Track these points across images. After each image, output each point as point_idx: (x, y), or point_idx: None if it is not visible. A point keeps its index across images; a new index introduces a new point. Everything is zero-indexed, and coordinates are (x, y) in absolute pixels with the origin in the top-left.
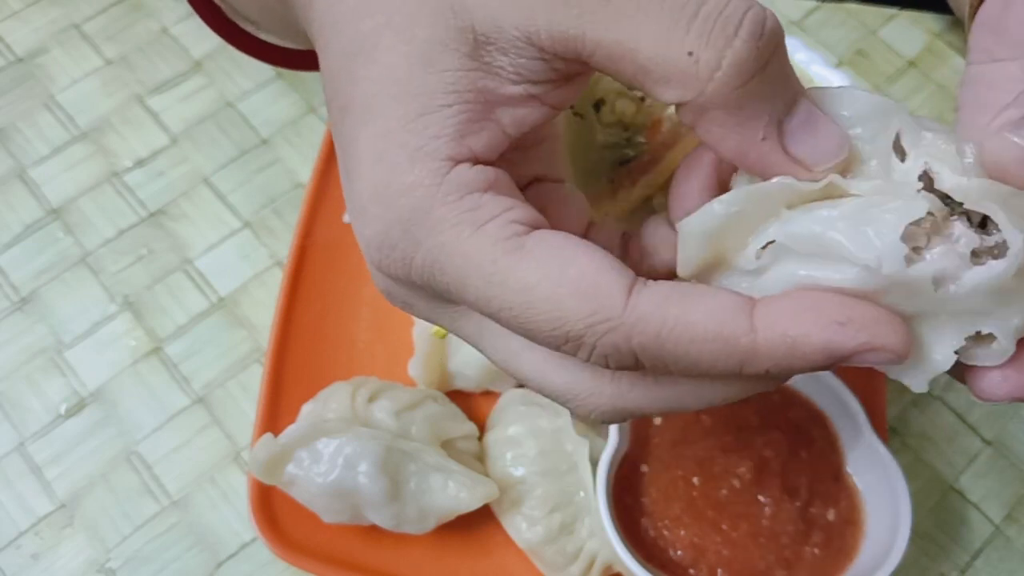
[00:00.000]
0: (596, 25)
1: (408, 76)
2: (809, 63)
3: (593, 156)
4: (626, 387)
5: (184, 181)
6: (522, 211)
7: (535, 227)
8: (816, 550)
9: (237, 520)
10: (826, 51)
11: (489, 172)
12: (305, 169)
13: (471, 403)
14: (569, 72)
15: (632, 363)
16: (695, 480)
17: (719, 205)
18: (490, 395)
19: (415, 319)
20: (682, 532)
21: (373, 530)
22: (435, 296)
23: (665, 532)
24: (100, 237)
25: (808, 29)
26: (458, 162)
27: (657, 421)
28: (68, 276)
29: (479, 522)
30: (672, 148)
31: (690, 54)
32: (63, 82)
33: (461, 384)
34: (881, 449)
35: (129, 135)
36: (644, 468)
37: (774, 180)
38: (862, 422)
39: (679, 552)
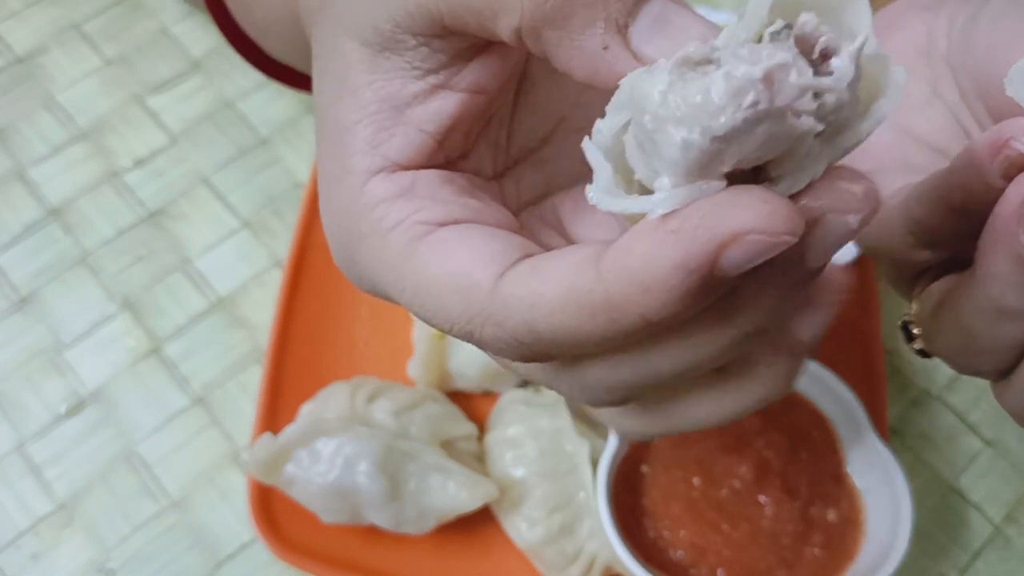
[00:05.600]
0: None
1: (329, 104)
2: None
3: None
4: (552, 375)
5: (184, 181)
6: (432, 210)
7: (445, 223)
8: (816, 550)
9: (236, 520)
10: None
11: (404, 177)
12: (305, 169)
13: (471, 403)
14: (455, 49)
15: (526, 352)
16: (695, 481)
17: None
18: (490, 395)
19: (415, 320)
20: (683, 533)
21: (372, 530)
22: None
23: (665, 533)
24: (99, 237)
25: None
26: (374, 173)
27: None
28: (68, 276)
29: (479, 522)
30: None
31: None
32: (63, 82)
33: (461, 384)
34: (882, 449)
35: (129, 135)
36: (644, 469)
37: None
38: (862, 422)
39: (680, 553)
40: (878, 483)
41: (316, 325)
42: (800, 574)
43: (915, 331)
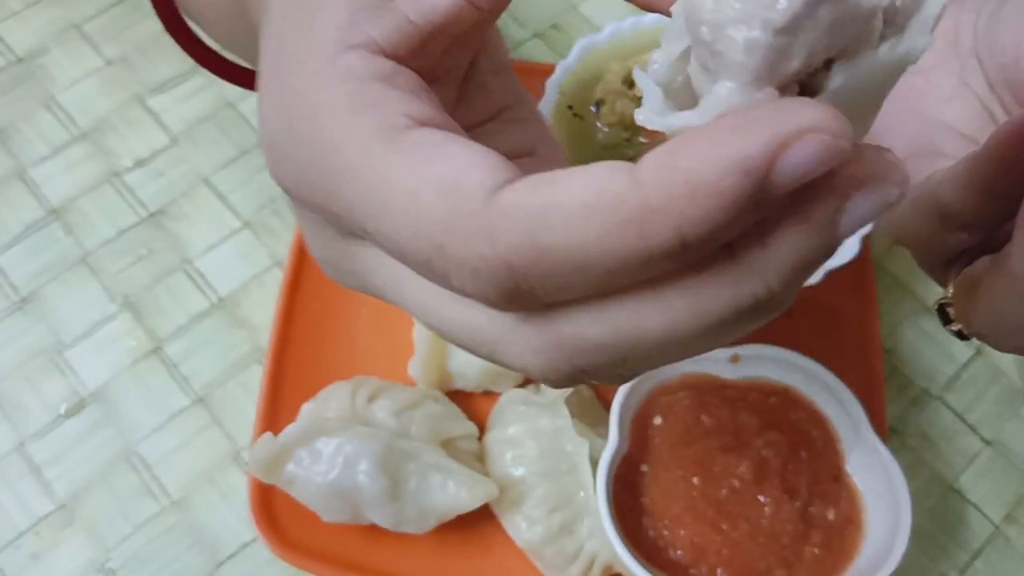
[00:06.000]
0: None
1: None
2: None
3: (593, 157)
4: (515, 326)
5: (184, 181)
6: (416, 106)
7: (427, 125)
8: (816, 550)
9: (237, 520)
10: None
11: (385, 64)
12: None
13: (471, 403)
14: None
15: (508, 282)
16: (695, 480)
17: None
18: (490, 395)
19: (416, 319)
20: (682, 532)
21: (373, 530)
22: (326, 217)
23: (665, 532)
24: (100, 237)
25: None
26: (351, 47)
27: (657, 421)
28: (68, 276)
29: (479, 522)
30: None
31: None
32: (63, 82)
33: (461, 384)
34: (881, 449)
35: (129, 135)
36: (644, 468)
37: None
38: (862, 422)
39: (679, 552)
40: (878, 483)
41: (316, 325)
42: (799, 574)
43: (952, 313)
